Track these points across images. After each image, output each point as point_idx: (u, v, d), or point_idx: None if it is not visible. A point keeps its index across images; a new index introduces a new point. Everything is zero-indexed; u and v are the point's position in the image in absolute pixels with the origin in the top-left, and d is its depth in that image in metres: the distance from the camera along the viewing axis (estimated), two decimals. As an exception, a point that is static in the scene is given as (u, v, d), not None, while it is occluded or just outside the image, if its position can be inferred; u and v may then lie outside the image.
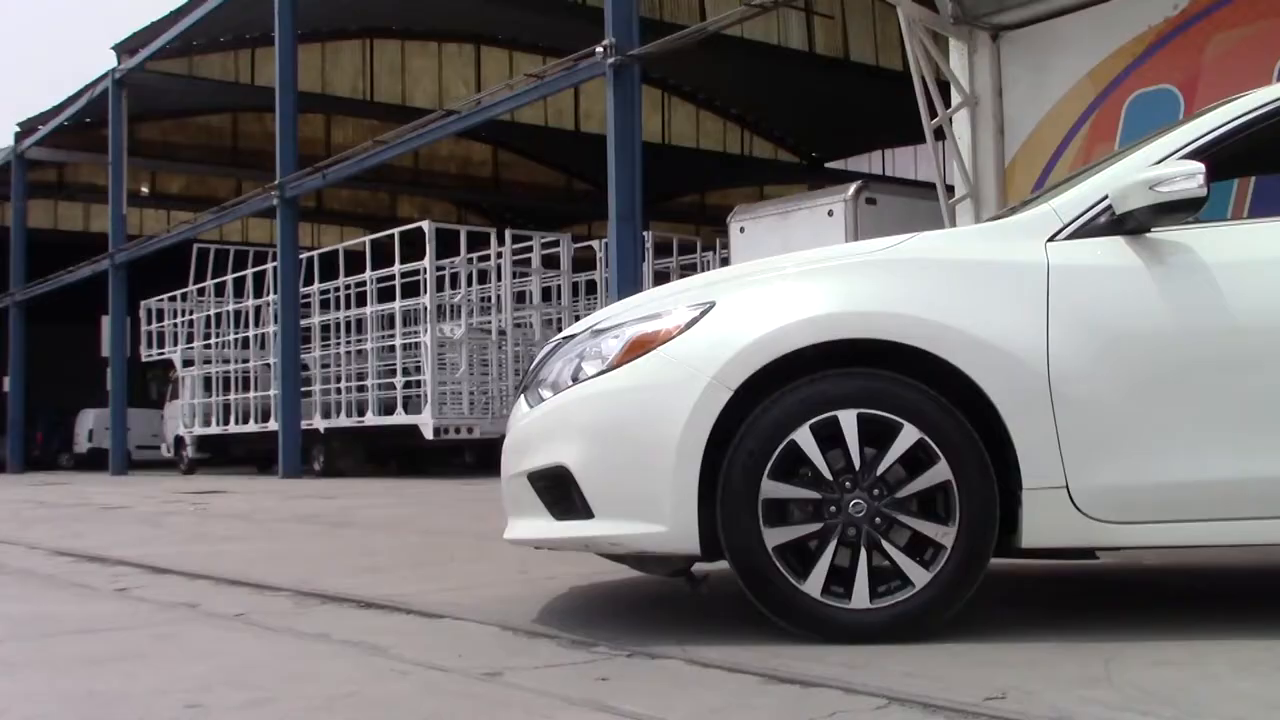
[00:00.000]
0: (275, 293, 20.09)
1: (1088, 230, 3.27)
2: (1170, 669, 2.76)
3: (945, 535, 3.09)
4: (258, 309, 22.27)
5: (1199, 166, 3.11)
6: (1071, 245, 3.25)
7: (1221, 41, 8.19)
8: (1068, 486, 3.09)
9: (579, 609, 4.00)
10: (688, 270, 17.90)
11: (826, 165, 34.57)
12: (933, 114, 9.61)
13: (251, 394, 21.98)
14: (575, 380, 3.40)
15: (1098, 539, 3.15)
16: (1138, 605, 3.89)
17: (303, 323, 20.11)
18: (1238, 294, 3.17)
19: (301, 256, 20.29)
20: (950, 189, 9.95)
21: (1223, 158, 3.34)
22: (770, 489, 3.12)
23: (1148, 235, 3.22)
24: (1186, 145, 3.30)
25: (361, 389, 19.48)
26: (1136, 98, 8.71)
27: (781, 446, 3.12)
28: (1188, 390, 3.14)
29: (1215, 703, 2.44)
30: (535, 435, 3.46)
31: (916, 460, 3.11)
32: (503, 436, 3.73)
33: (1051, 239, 3.26)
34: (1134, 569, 4.63)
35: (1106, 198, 3.25)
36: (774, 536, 3.12)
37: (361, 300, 19.51)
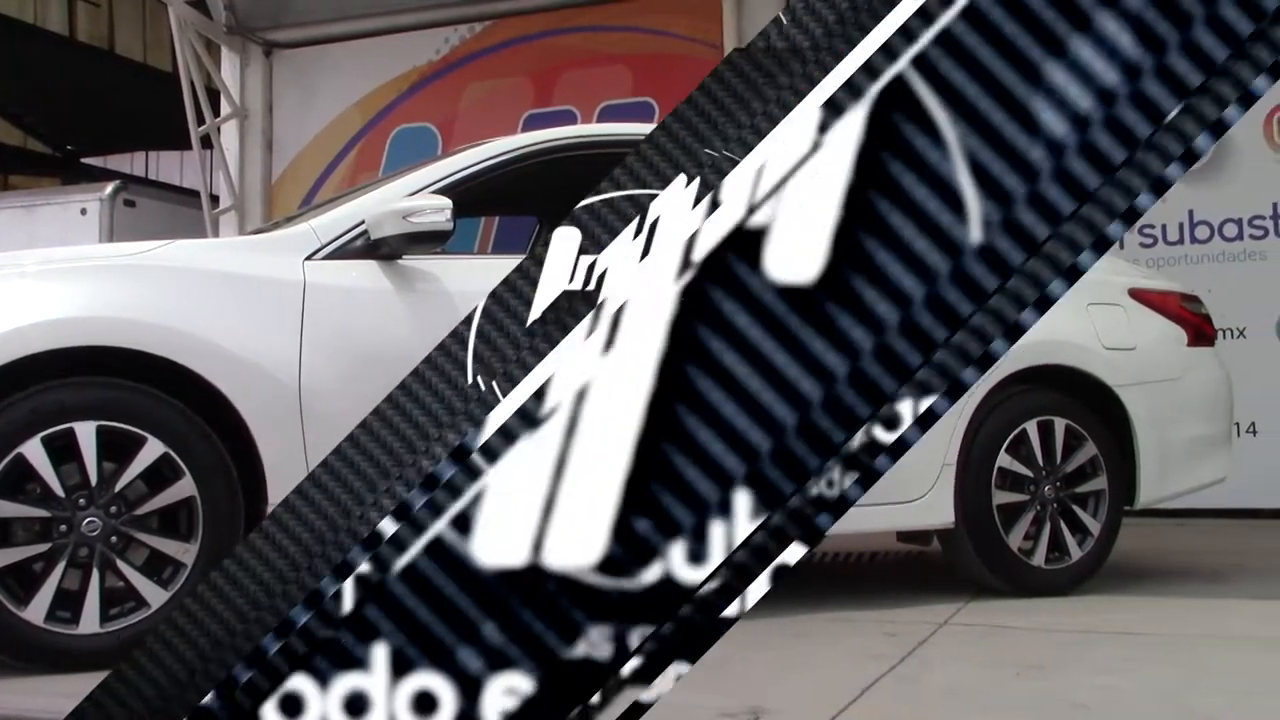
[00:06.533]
0: None
1: (344, 252, 3.36)
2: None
3: (186, 553, 2.99)
4: None
5: (447, 202, 3.32)
6: (328, 265, 3.32)
7: (476, 90, 8.88)
8: (313, 501, 3.14)
9: None
10: (-91, 260, 15.74)
11: (84, 161, 32.24)
12: (201, 121, 9.35)
13: None
14: None
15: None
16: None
17: None
18: (476, 322, 3.43)
19: None
20: (215, 199, 9.75)
21: (470, 196, 3.61)
22: (-11, 507, 2.83)
23: (400, 261, 3.38)
24: (438, 181, 3.53)
25: None
26: (400, 132, 9.15)
27: (7, 460, 2.84)
28: (428, 410, 3.34)
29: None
30: None
31: (160, 475, 2.99)
32: None
33: (309, 257, 3.31)
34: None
35: (363, 223, 3.37)
36: (-8, 560, 2.83)
37: None
